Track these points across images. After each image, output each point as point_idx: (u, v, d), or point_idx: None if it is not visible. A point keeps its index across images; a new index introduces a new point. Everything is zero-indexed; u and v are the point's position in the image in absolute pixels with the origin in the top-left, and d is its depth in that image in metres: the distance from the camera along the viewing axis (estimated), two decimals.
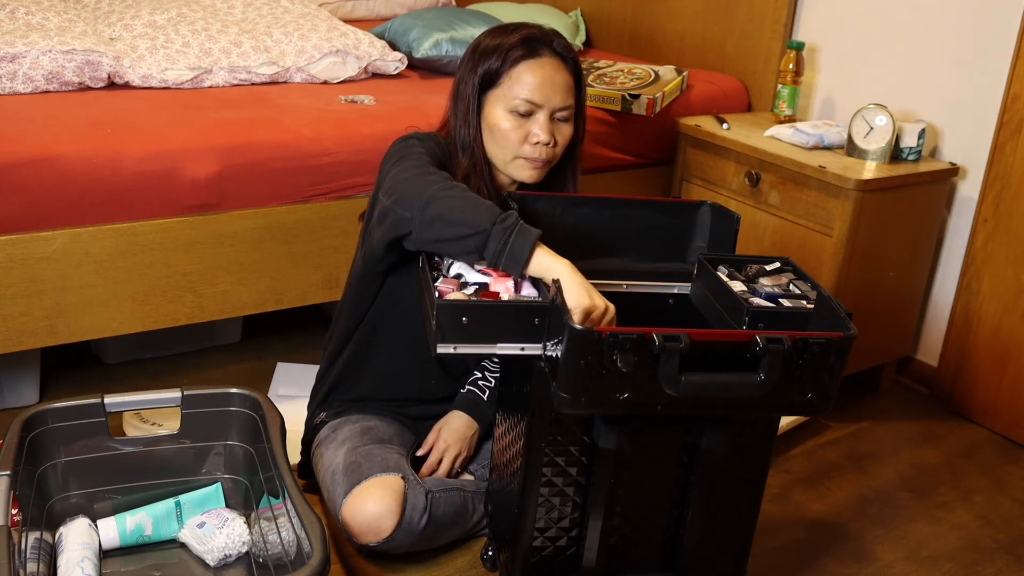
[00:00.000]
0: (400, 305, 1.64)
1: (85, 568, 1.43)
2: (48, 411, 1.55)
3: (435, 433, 1.73)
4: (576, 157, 1.66)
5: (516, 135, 1.54)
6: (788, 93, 2.47)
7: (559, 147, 1.58)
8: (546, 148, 1.55)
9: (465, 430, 1.73)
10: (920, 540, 1.85)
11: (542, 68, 1.53)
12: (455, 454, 1.72)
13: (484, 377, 1.76)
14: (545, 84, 1.53)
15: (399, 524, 1.54)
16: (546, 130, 1.54)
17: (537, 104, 1.53)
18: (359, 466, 1.59)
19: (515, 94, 1.53)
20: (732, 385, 1.21)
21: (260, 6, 2.54)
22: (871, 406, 2.36)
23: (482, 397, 1.74)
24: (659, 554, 1.47)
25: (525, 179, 1.59)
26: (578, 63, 1.59)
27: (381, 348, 1.70)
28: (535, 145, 1.54)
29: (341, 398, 1.75)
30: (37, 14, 2.22)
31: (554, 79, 1.53)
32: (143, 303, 1.88)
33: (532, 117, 1.54)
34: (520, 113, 1.54)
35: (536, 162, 1.56)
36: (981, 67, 2.22)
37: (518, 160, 1.57)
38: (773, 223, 2.27)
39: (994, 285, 2.23)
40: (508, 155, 1.57)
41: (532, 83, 1.52)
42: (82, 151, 1.76)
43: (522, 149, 1.55)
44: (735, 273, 1.47)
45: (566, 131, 1.58)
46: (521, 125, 1.54)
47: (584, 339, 1.16)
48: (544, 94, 1.53)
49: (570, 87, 1.56)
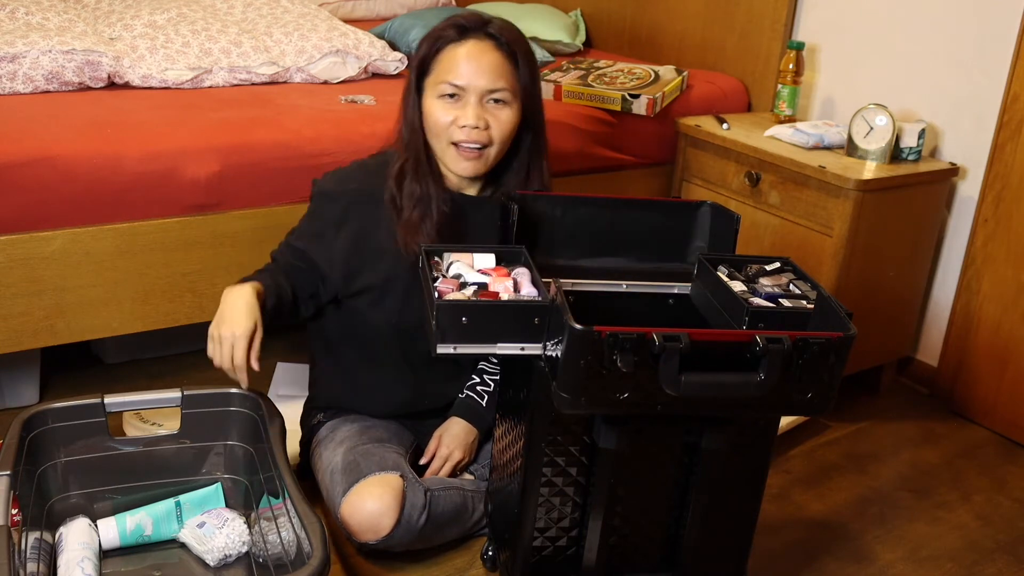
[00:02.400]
0: (356, 326, 1.66)
1: (85, 568, 1.43)
2: (48, 411, 1.55)
3: (435, 440, 1.74)
4: (537, 151, 1.62)
5: (444, 120, 1.52)
6: (788, 93, 2.47)
7: (496, 133, 1.53)
8: (476, 132, 1.51)
9: (465, 436, 1.73)
10: (920, 540, 1.85)
11: (468, 50, 1.50)
12: (457, 460, 1.72)
13: (482, 381, 1.76)
14: (470, 65, 1.49)
15: (398, 522, 1.54)
16: (473, 113, 1.50)
17: (461, 87, 1.50)
18: (358, 465, 1.59)
19: (441, 78, 1.51)
20: (732, 385, 1.21)
21: (260, 6, 2.54)
22: (871, 406, 2.36)
23: (480, 403, 1.74)
24: (659, 554, 1.47)
25: (461, 171, 1.56)
26: (519, 46, 1.53)
27: (345, 362, 1.72)
28: (462, 128, 1.51)
29: (332, 404, 1.76)
30: (37, 14, 2.22)
31: (480, 60, 1.50)
32: (143, 303, 1.88)
33: (461, 101, 1.51)
34: (449, 96, 1.51)
35: (468, 151, 1.53)
36: (981, 67, 2.22)
37: (451, 149, 1.54)
38: (773, 223, 2.27)
39: (994, 285, 2.23)
40: (443, 143, 1.55)
41: (456, 65, 1.50)
42: (82, 151, 1.76)
43: (452, 134, 1.52)
44: (735, 273, 1.47)
45: (502, 116, 1.53)
46: (450, 110, 1.52)
47: (584, 339, 1.16)
48: (468, 75, 1.49)
49: (501, 69, 1.51)
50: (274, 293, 1.53)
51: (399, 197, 1.57)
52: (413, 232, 1.56)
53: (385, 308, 1.63)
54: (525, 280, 1.36)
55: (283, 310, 1.56)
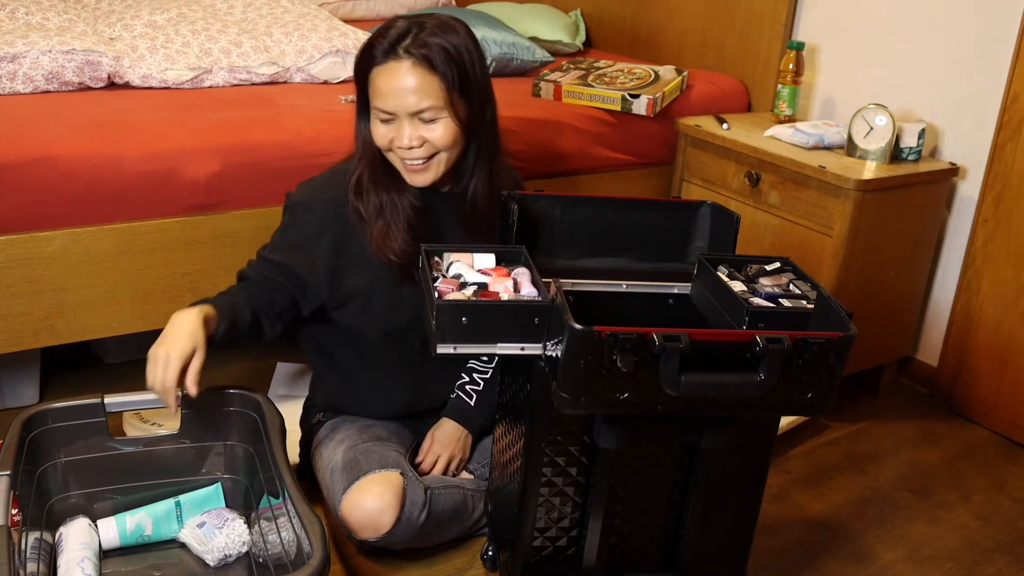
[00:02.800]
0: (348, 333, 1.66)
1: (85, 568, 1.43)
2: (48, 411, 1.55)
3: (428, 440, 1.74)
4: (486, 147, 1.57)
5: (384, 141, 1.51)
6: (788, 93, 2.47)
7: (439, 143, 1.50)
8: (414, 151, 1.50)
9: (456, 435, 1.73)
10: (920, 540, 1.86)
11: (387, 75, 1.46)
12: (448, 458, 1.72)
13: (472, 380, 1.76)
14: (392, 92, 1.46)
15: (398, 519, 1.54)
16: (406, 135, 1.48)
17: (390, 112, 1.48)
18: (358, 463, 1.60)
19: (373, 103, 1.50)
20: (732, 385, 1.21)
21: (260, 6, 2.54)
22: (871, 406, 2.36)
23: (469, 403, 1.74)
24: (659, 554, 1.47)
25: (414, 183, 1.55)
26: (439, 55, 1.46)
27: (342, 367, 1.72)
28: (399, 149, 1.50)
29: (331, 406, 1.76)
30: (37, 14, 2.22)
31: (403, 85, 1.45)
32: (143, 303, 1.88)
33: (395, 123, 1.49)
34: (384, 121, 1.50)
35: (414, 166, 1.52)
36: (981, 67, 2.22)
37: (401, 163, 1.54)
38: (773, 223, 2.27)
39: (994, 285, 2.23)
40: (394, 158, 1.54)
41: (381, 92, 1.47)
42: (82, 151, 1.76)
43: (396, 153, 1.52)
44: (735, 273, 1.47)
45: (437, 132, 1.49)
46: (388, 132, 1.50)
47: (584, 339, 1.16)
48: (394, 102, 1.46)
49: (422, 87, 1.45)
50: (228, 317, 1.49)
51: (362, 208, 1.56)
52: (383, 240, 1.55)
53: (373, 313, 1.62)
54: (525, 280, 1.36)
55: (239, 333, 1.52)
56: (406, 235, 1.55)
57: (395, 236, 1.55)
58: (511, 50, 2.66)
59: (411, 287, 1.60)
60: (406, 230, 1.56)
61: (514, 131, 2.25)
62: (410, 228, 1.56)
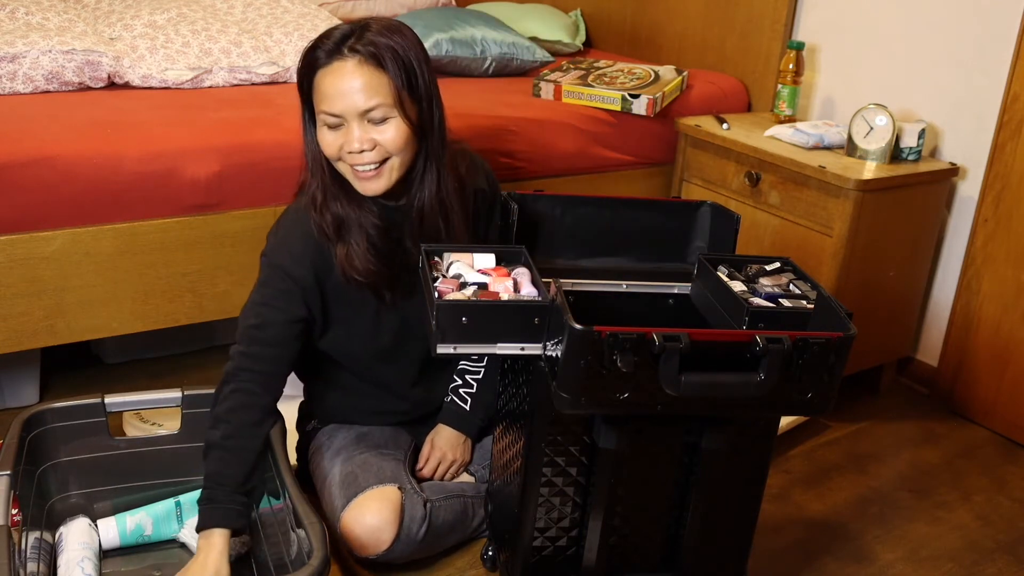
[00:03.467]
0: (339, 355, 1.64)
1: (85, 568, 1.43)
2: (48, 411, 1.56)
3: (428, 446, 1.73)
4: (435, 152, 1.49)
5: (333, 148, 1.44)
6: (788, 93, 2.47)
7: (391, 145, 1.42)
8: (365, 154, 1.42)
9: (456, 439, 1.73)
10: (920, 540, 1.85)
11: (333, 76, 1.39)
12: (449, 464, 1.72)
13: (464, 383, 1.74)
14: (339, 92, 1.39)
15: (397, 536, 1.53)
16: (357, 138, 1.40)
17: (338, 115, 1.40)
18: (355, 477, 1.58)
19: (320, 108, 1.42)
20: (732, 385, 1.21)
21: (260, 6, 2.54)
22: (871, 406, 2.36)
23: (464, 407, 1.73)
24: (659, 554, 1.47)
25: (367, 192, 1.47)
26: (387, 52, 1.40)
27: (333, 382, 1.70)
28: (351, 154, 1.43)
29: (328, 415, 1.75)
30: (37, 14, 2.22)
31: (350, 84, 1.38)
32: (143, 303, 1.88)
33: (343, 127, 1.42)
34: (331, 126, 1.43)
35: (365, 173, 1.44)
36: (981, 67, 2.22)
37: (351, 172, 1.46)
38: (773, 223, 2.27)
39: (994, 285, 2.23)
40: (344, 167, 1.47)
41: (328, 95, 1.40)
42: (82, 151, 1.76)
43: (346, 159, 1.45)
44: (735, 273, 1.47)
45: (388, 130, 1.41)
46: (337, 138, 1.43)
47: (584, 339, 1.16)
48: (342, 103, 1.39)
49: (371, 85, 1.39)
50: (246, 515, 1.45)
51: (325, 226, 1.50)
52: (348, 261, 1.50)
53: (355, 339, 1.60)
54: (525, 280, 1.36)
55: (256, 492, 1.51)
56: (367, 254, 1.49)
57: (357, 255, 1.49)
58: (511, 50, 2.66)
59: (387, 310, 1.57)
60: (367, 249, 1.49)
61: (514, 131, 2.25)
62: (372, 247, 1.50)
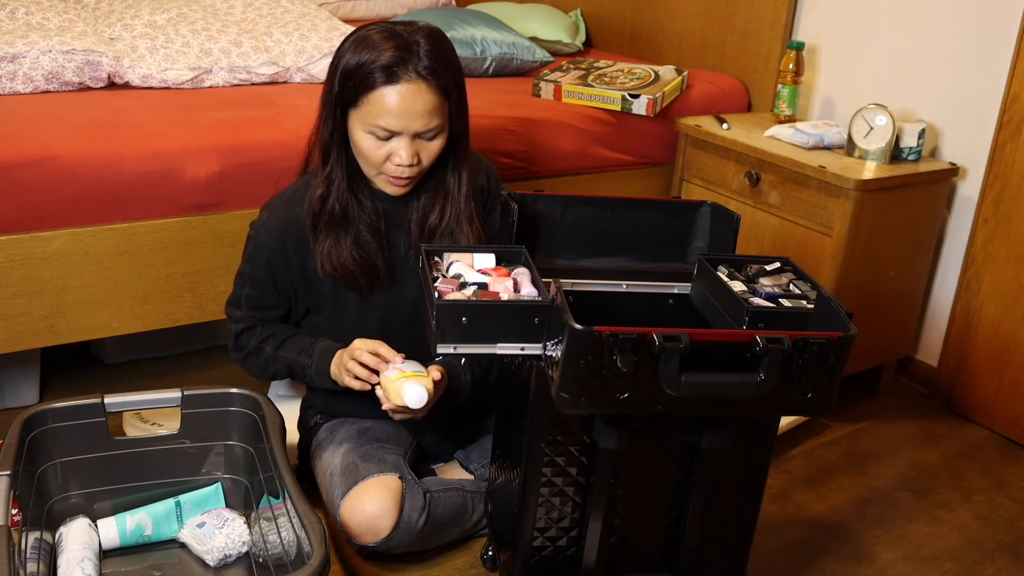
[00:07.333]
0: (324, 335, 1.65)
1: (85, 568, 1.43)
2: (48, 411, 1.56)
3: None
4: (459, 156, 1.57)
5: (376, 155, 1.49)
6: (788, 93, 2.47)
7: (431, 158, 1.51)
8: (413, 168, 1.50)
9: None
10: (920, 540, 1.86)
11: (400, 96, 1.43)
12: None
13: None
14: (403, 113, 1.44)
15: (397, 523, 1.54)
16: (408, 154, 1.47)
17: (395, 131, 1.46)
18: (356, 467, 1.59)
19: (372, 120, 1.45)
20: (732, 385, 1.21)
21: (260, 6, 2.54)
22: (871, 406, 2.36)
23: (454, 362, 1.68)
24: (659, 554, 1.47)
25: (391, 193, 1.55)
26: (447, 78, 1.47)
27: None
28: (397, 166, 1.49)
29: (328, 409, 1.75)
30: (37, 14, 2.22)
31: (413, 106, 1.44)
32: (143, 303, 1.88)
33: (392, 141, 1.47)
34: (380, 138, 1.47)
35: (399, 180, 1.51)
36: (981, 67, 2.22)
37: (381, 175, 1.53)
38: (773, 223, 2.27)
39: (994, 285, 2.23)
40: (372, 171, 1.53)
41: (390, 111, 1.44)
42: (82, 151, 1.76)
43: (385, 167, 1.50)
44: (735, 273, 1.47)
45: (432, 148, 1.50)
46: (381, 146, 1.48)
47: (584, 339, 1.16)
48: (402, 122, 1.45)
49: (433, 109, 1.46)
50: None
51: (319, 218, 1.55)
52: (329, 254, 1.55)
53: (348, 317, 1.62)
54: (525, 280, 1.36)
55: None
56: (351, 252, 1.55)
57: (339, 252, 1.55)
58: (511, 50, 2.66)
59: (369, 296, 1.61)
60: (351, 247, 1.55)
61: (514, 131, 2.25)
62: (356, 245, 1.56)
